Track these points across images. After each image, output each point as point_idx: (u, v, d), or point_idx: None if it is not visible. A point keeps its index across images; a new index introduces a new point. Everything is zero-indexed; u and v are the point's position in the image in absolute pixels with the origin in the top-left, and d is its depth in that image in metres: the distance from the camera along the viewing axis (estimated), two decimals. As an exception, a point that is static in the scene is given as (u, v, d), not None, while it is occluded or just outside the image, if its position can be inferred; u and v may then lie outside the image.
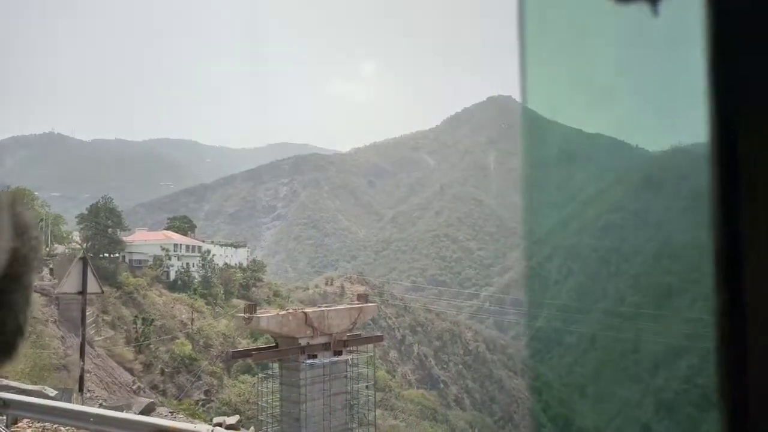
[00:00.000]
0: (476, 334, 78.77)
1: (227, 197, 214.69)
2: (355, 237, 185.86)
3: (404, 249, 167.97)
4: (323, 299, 64.55)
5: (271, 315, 12.28)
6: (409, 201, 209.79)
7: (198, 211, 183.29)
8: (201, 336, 39.23)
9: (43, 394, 10.68)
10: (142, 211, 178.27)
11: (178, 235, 59.93)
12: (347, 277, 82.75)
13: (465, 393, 63.53)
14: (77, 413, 8.18)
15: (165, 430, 7.60)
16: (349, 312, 13.21)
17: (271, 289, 61.47)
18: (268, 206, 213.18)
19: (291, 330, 11.91)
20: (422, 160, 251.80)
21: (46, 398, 10.05)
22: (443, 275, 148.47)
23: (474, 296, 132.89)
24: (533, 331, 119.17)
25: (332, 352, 12.25)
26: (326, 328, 12.24)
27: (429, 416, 46.57)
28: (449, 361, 68.57)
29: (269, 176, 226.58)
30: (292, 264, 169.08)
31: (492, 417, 59.21)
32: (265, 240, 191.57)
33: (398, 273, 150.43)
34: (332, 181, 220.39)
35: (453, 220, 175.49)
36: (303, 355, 11.89)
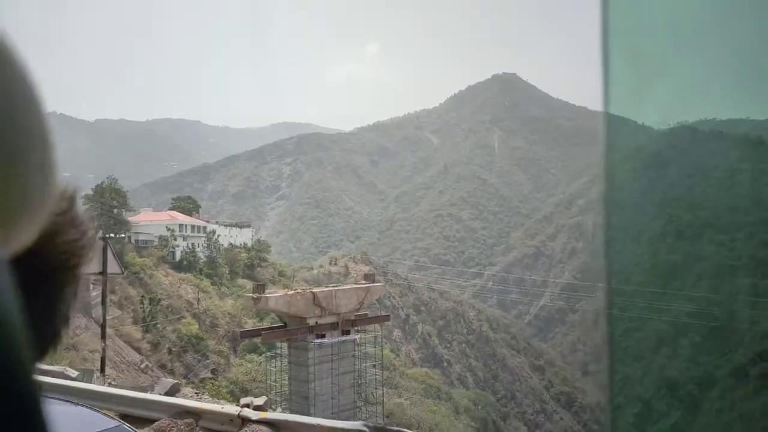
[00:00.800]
0: (479, 313, 79.24)
1: (231, 177, 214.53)
2: (359, 217, 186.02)
3: (408, 228, 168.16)
4: (327, 279, 64.90)
5: (280, 295, 12.33)
6: (412, 180, 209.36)
7: (202, 192, 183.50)
8: (207, 316, 39.57)
9: (65, 375, 10.77)
10: (146, 192, 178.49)
11: (183, 215, 60.08)
12: (351, 257, 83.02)
13: (468, 371, 64.17)
14: (102, 394, 8.24)
15: (192, 410, 7.66)
16: (356, 292, 13.25)
17: (275, 269, 61.76)
18: (271, 186, 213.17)
19: (299, 310, 11.96)
20: (426, 139, 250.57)
21: (69, 379, 10.13)
22: (447, 255, 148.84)
23: (477, 275, 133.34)
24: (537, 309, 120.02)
25: (340, 332, 12.33)
26: (334, 308, 12.29)
27: (433, 394, 47.09)
28: (453, 340, 69.12)
29: (272, 156, 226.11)
30: (296, 244, 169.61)
31: (495, 395, 59.87)
32: (269, 220, 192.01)
33: (402, 252, 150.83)
34: (336, 161, 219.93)
35: (457, 200, 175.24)
36: (311, 334, 11.97)
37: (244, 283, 51.59)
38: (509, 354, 69.20)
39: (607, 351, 49.44)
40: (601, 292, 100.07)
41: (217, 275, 49.85)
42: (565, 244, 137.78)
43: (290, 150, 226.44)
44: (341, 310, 12.50)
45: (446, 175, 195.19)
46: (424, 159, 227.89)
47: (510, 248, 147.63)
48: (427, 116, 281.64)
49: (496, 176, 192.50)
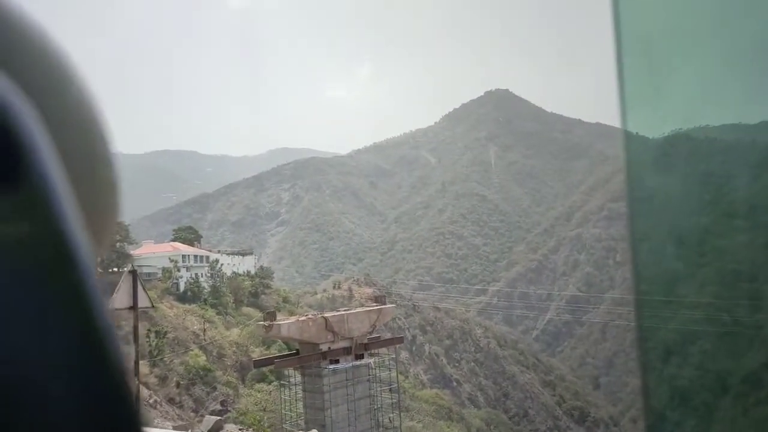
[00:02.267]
0: (486, 330, 78.80)
1: (230, 206, 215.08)
2: (360, 239, 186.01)
3: (409, 248, 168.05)
4: (332, 303, 64.62)
5: (292, 321, 12.34)
6: (411, 200, 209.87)
7: (202, 221, 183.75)
8: (214, 346, 39.36)
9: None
10: (146, 224, 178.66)
11: (185, 246, 60.12)
12: (354, 280, 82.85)
13: (478, 390, 63.57)
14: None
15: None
16: (368, 314, 13.24)
17: (280, 295, 61.57)
18: (271, 212, 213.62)
19: (312, 336, 11.96)
20: (423, 159, 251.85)
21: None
22: (450, 273, 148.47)
23: (482, 292, 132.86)
24: (543, 323, 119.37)
25: (353, 356, 12.30)
26: (346, 332, 12.28)
27: (444, 416, 46.62)
28: (461, 359, 68.62)
29: (271, 182, 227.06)
30: (299, 269, 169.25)
31: (507, 413, 59.24)
32: (270, 246, 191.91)
33: (405, 273, 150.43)
34: (334, 184, 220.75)
35: (457, 217, 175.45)
36: (325, 360, 11.95)
37: (249, 312, 51.41)
38: (519, 371, 68.62)
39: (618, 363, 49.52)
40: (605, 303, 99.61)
41: (222, 305, 49.72)
42: (567, 257, 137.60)
43: (288, 176, 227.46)
44: (354, 334, 12.49)
45: (445, 193, 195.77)
46: (422, 178, 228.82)
47: (512, 263, 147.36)
48: (423, 135, 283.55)
49: (494, 192, 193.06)
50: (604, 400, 77.32)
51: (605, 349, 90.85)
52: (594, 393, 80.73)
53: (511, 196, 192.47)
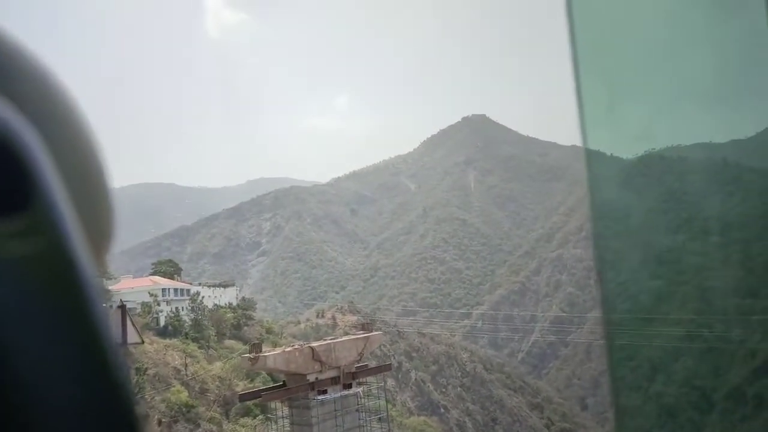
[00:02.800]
0: (472, 354, 78.49)
1: (210, 237, 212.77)
2: (342, 267, 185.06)
3: (392, 275, 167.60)
4: (316, 332, 63.89)
5: (278, 353, 12.15)
6: (392, 226, 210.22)
7: (181, 254, 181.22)
8: (196, 381, 38.49)
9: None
10: (125, 259, 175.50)
11: (165, 280, 59.09)
12: (338, 308, 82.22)
13: (466, 416, 62.94)
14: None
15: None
16: (355, 343, 13.11)
17: (263, 326, 60.73)
18: (252, 243, 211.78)
19: (299, 366, 11.77)
20: (403, 185, 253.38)
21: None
22: (433, 298, 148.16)
23: (466, 316, 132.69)
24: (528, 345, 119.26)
25: (341, 386, 12.11)
26: (334, 362, 12.11)
27: (433, 443, 45.99)
28: (448, 384, 68.05)
29: (251, 213, 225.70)
30: (281, 299, 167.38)
31: (496, 438, 58.68)
32: (252, 277, 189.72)
33: (388, 299, 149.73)
34: (314, 213, 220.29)
35: (438, 242, 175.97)
36: (312, 391, 11.75)
37: (231, 345, 50.53)
38: (506, 394, 68.23)
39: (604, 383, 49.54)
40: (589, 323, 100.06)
41: (204, 338, 48.81)
42: (549, 278, 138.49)
43: (268, 205, 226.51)
44: (341, 363, 12.33)
45: (426, 219, 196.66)
46: (402, 204, 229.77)
47: (495, 286, 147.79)
48: (402, 162, 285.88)
49: (475, 216, 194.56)
50: (592, 421, 77.03)
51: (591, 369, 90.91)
52: (582, 414, 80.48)
53: (491, 219, 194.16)
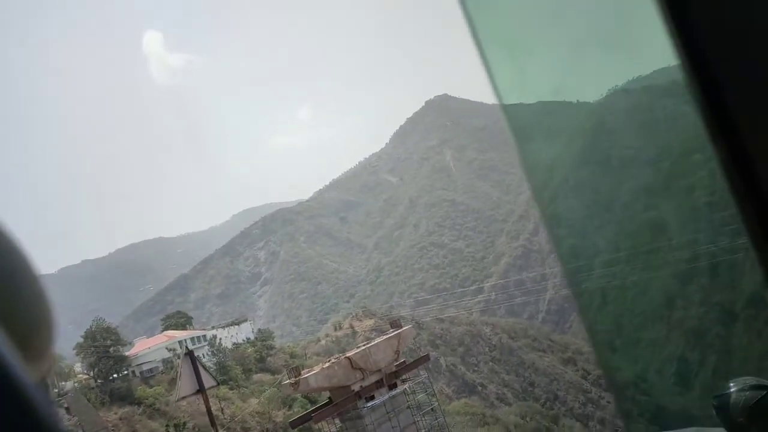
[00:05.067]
0: (494, 327, 79.01)
1: (209, 280, 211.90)
2: (346, 275, 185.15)
3: (396, 271, 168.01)
4: (337, 346, 64.05)
5: (317, 371, 12.32)
6: (384, 224, 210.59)
7: (186, 303, 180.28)
8: (236, 422, 38.57)
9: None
10: (131, 323, 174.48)
11: (178, 332, 59.06)
12: (353, 316, 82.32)
13: (504, 388, 63.48)
14: None
15: None
16: (389, 342, 13.29)
17: (285, 352, 60.80)
18: (252, 275, 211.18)
19: (341, 379, 11.95)
20: (384, 181, 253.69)
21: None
22: (442, 282, 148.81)
23: (479, 292, 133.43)
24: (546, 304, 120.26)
25: (387, 388, 12.32)
26: (373, 366, 12.31)
27: (479, 422, 46.43)
28: (478, 362, 68.54)
29: (243, 246, 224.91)
30: (294, 322, 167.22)
31: (538, 401, 59.21)
32: (261, 308, 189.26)
33: (399, 295, 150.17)
34: (305, 230, 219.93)
35: (433, 227, 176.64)
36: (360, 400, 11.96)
37: (260, 378, 50.59)
38: (537, 357, 68.85)
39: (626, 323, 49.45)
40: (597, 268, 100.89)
41: (232, 378, 48.81)
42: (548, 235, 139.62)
43: (259, 234, 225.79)
44: (381, 365, 12.52)
45: (415, 209, 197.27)
46: (388, 200, 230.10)
47: (499, 256, 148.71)
48: (378, 159, 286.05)
49: (461, 194, 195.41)
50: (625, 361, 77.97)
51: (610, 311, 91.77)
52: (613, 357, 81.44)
53: (478, 193, 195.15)
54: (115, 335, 49.21)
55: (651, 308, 44.97)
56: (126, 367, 48.39)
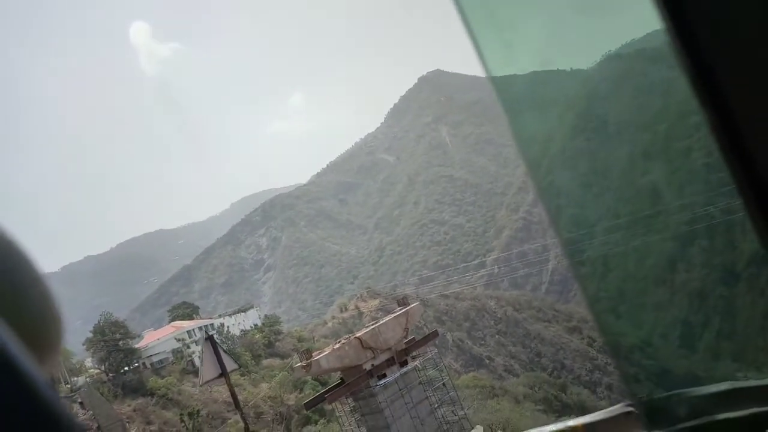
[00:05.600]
0: (498, 300, 79.60)
1: (213, 269, 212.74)
2: (349, 257, 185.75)
3: (399, 250, 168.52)
4: (344, 327, 64.60)
5: (328, 352, 12.47)
6: (384, 204, 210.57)
7: (191, 294, 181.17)
8: (249, 408, 39.09)
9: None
10: (137, 316, 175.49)
11: (186, 322, 59.48)
12: (358, 296, 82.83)
13: (511, 359, 64.21)
14: None
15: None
16: (398, 320, 13.42)
17: (293, 336, 61.36)
18: (255, 262, 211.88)
19: (352, 359, 12.11)
20: (381, 161, 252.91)
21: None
22: (445, 259, 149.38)
23: (481, 266, 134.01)
24: (548, 275, 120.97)
25: (398, 365, 12.49)
26: (383, 344, 12.46)
27: (488, 394, 46.99)
28: (484, 336, 69.20)
29: (245, 234, 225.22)
30: (300, 306, 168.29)
31: (545, 371, 59.94)
32: (266, 294, 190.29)
33: (402, 274, 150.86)
34: (306, 214, 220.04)
35: (433, 204, 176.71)
36: (372, 378, 12.13)
37: (269, 363, 51.10)
38: (542, 327, 69.50)
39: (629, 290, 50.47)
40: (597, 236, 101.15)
41: (242, 365, 49.33)
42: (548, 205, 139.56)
43: (259, 221, 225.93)
44: (391, 343, 12.66)
45: (413, 186, 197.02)
46: (386, 180, 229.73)
47: (500, 229, 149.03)
48: (374, 139, 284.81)
49: (459, 169, 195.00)
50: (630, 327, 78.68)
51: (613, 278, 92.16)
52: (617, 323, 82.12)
53: (476, 167, 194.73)
54: (124, 329, 49.57)
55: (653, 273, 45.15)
56: (136, 359, 48.83)
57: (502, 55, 2.93)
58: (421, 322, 67.54)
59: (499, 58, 2.64)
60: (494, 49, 2.70)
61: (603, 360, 62.82)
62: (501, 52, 2.77)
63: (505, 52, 2.90)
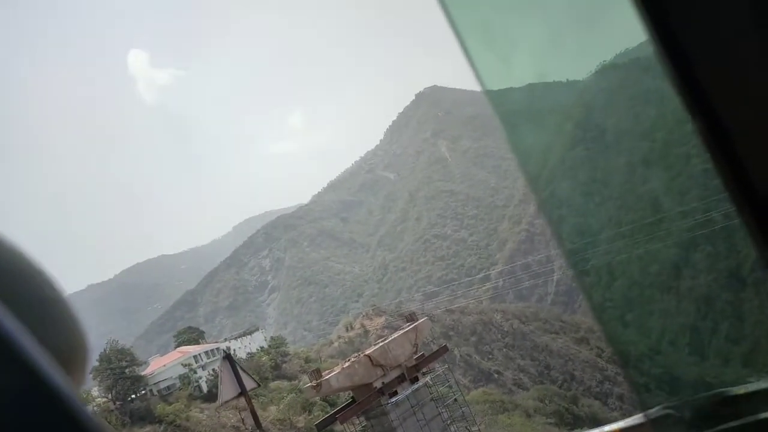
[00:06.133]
0: (504, 313, 79.22)
1: (217, 293, 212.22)
2: (353, 275, 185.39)
3: (402, 266, 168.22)
4: (351, 346, 64.26)
5: (337, 371, 12.44)
6: (386, 221, 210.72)
7: (196, 318, 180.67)
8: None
9: None
10: (143, 343, 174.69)
11: (192, 347, 59.25)
12: (364, 315, 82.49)
13: (520, 373, 63.69)
14: None
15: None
16: (406, 336, 13.39)
17: (300, 357, 61.01)
18: (259, 284, 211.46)
19: (362, 377, 12.06)
20: (382, 178, 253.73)
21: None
22: (449, 273, 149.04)
23: (486, 279, 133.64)
24: (554, 286, 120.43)
25: (409, 382, 12.44)
26: (393, 361, 12.42)
27: (499, 409, 46.59)
28: (492, 350, 68.75)
29: (248, 256, 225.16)
30: (306, 326, 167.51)
31: (555, 383, 59.44)
32: (271, 316, 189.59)
33: (407, 290, 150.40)
34: (308, 234, 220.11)
35: (435, 220, 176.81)
36: (383, 396, 12.08)
37: (277, 386, 50.78)
38: (550, 339, 69.06)
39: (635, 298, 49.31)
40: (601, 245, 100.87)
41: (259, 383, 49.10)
42: (550, 216, 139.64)
43: (262, 243, 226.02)
44: (400, 360, 12.62)
45: (415, 202, 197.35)
46: (388, 197, 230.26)
47: (503, 242, 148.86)
48: (373, 156, 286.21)
49: (459, 183, 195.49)
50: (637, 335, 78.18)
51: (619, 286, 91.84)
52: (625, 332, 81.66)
53: (476, 181, 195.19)
54: (130, 356, 49.35)
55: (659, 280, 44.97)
56: (143, 386, 48.56)
57: (498, 69, 3.01)
58: (429, 337, 67.24)
59: (494, 72, 2.71)
60: (489, 62, 2.77)
61: (613, 370, 62.30)
62: (496, 65, 2.85)
63: (500, 65, 2.99)
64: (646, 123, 44.36)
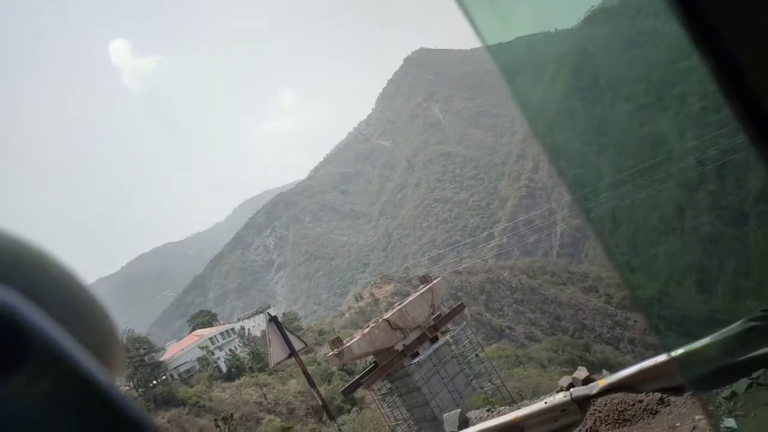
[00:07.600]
0: (511, 270, 79.85)
1: (225, 275, 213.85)
2: (357, 246, 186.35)
3: (406, 233, 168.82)
4: (362, 315, 65.08)
5: (358, 338, 12.66)
6: (386, 189, 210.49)
7: (207, 302, 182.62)
8: (280, 405, 39.66)
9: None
10: (158, 330, 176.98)
11: (207, 330, 60.12)
12: (372, 284, 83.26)
13: (532, 326, 64.58)
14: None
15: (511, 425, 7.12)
16: (423, 297, 13.57)
17: (314, 331, 61.84)
18: (265, 263, 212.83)
19: (383, 341, 12.28)
20: (378, 147, 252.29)
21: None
22: (453, 235, 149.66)
23: (490, 238, 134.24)
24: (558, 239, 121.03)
25: (429, 342, 12.68)
26: (412, 323, 12.63)
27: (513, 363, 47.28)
28: (502, 306, 69.54)
29: (251, 236, 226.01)
30: (315, 300, 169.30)
31: (566, 333, 60.31)
32: (280, 293, 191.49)
33: (413, 256, 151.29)
34: (309, 210, 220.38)
35: (434, 184, 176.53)
36: (406, 358, 12.33)
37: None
38: (558, 291, 69.77)
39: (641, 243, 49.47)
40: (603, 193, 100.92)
41: (267, 364, 49.94)
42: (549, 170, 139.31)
43: (264, 222, 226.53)
44: (419, 321, 12.84)
45: (413, 168, 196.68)
46: (385, 165, 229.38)
47: (504, 200, 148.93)
48: (367, 126, 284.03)
49: (456, 144, 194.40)
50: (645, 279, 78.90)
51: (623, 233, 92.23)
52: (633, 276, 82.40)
53: (473, 140, 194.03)
54: (147, 343, 50.07)
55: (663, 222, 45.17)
56: (163, 372, 49.42)
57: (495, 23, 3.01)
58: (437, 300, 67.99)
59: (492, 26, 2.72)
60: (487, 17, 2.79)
61: (622, 315, 63.16)
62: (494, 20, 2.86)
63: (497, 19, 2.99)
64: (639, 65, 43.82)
